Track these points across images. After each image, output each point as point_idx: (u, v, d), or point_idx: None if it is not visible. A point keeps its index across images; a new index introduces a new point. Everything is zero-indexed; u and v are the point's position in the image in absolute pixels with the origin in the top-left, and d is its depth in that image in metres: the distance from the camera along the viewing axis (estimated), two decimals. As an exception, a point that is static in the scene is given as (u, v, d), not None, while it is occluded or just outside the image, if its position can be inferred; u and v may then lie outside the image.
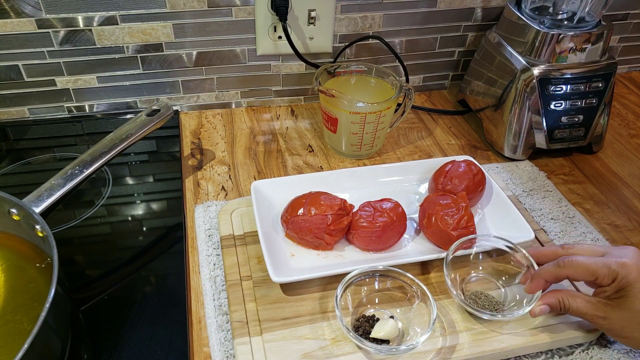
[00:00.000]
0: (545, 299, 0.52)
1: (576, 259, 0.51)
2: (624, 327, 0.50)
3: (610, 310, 0.50)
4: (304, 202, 0.60)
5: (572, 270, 0.51)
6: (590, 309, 0.51)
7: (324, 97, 0.74)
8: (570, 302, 0.52)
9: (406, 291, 0.55)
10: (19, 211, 0.54)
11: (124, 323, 0.54)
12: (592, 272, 0.50)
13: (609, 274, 0.49)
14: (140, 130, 0.66)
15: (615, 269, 0.49)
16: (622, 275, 0.49)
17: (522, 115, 0.76)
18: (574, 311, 0.52)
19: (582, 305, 0.51)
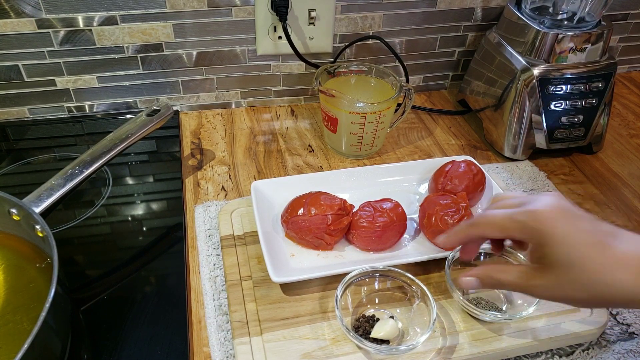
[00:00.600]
0: (474, 272, 0.46)
1: (487, 213, 0.44)
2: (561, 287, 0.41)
3: (540, 274, 0.42)
4: (304, 202, 0.60)
5: (482, 228, 0.44)
6: (521, 279, 0.43)
7: (324, 97, 0.74)
8: (499, 275, 0.45)
9: (406, 291, 0.55)
10: (19, 211, 0.54)
11: (124, 323, 0.54)
12: (500, 227, 0.43)
13: (517, 227, 0.42)
14: (140, 130, 0.66)
15: (522, 219, 0.41)
16: (533, 227, 0.41)
17: (522, 115, 0.76)
18: (506, 285, 0.44)
19: (512, 277, 0.44)
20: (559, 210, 0.41)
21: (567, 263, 0.40)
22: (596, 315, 0.55)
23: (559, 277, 0.41)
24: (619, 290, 0.38)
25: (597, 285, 0.39)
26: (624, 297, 0.38)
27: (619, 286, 0.38)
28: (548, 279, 0.41)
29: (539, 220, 0.41)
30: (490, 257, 0.58)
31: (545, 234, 0.40)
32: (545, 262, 0.41)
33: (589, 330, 0.54)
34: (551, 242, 0.40)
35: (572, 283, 0.40)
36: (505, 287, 0.45)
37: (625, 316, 0.57)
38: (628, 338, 0.55)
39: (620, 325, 0.56)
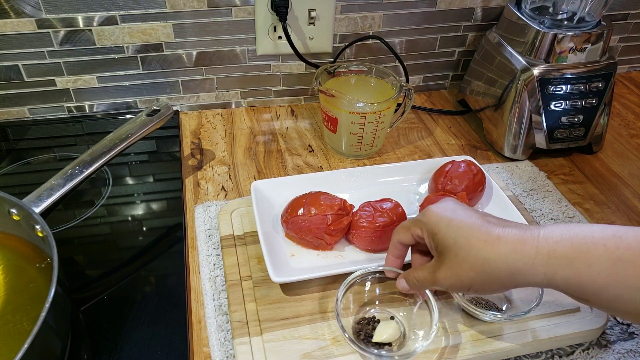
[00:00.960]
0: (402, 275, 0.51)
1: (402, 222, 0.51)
2: (456, 271, 0.45)
3: (440, 263, 0.46)
4: (304, 202, 0.60)
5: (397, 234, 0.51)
6: (430, 273, 0.47)
7: (324, 97, 0.74)
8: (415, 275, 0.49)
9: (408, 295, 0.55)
10: (19, 211, 0.54)
11: (124, 323, 0.54)
12: (407, 229, 0.49)
13: (418, 224, 0.48)
14: (140, 130, 0.66)
15: (419, 218, 0.48)
16: (425, 221, 0.47)
17: (522, 115, 0.76)
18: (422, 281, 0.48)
19: (424, 273, 0.48)
20: (444, 204, 0.48)
21: (454, 245, 0.44)
22: (596, 315, 0.55)
23: (451, 261, 0.45)
24: (499, 262, 0.42)
25: (482, 261, 0.43)
26: (505, 268, 0.42)
27: (497, 258, 0.42)
28: (444, 265, 0.45)
29: (428, 214, 0.47)
30: None
31: (434, 224, 0.46)
32: (439, 250, 0.46)
33: (589, 330, 0.54)
34: (438, 229, 0.46)
35: (462, 263, 0.44)
36: (422, 283, 0.49)
37: (625, 316, 0.57)
38: (628, 338, 0.55)
39: (620, 325, 0.56)
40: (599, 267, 0.39)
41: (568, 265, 0.40)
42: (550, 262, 0.41)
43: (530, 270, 0.41)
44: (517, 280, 0.43)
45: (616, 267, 0.39)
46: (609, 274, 0.39)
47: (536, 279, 0.42)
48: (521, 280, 0.42)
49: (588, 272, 0.40)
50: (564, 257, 0.40)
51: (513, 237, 0.43)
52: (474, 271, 0.44)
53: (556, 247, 0.41)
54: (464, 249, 0.44)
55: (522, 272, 0.42)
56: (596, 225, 0.42)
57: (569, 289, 0.41)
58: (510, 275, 0.42)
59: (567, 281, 0.41)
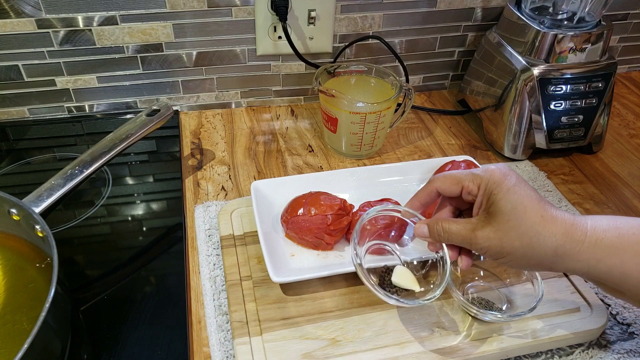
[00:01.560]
0: (426, 220, 0.50)
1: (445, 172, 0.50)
2: (500, 235, 0.44)
3: (484, 223, 0.45)
4: (304, 202, 0.60)
5: (440, 182, 0.49)
6: (466, 229, 0.46)
7: (324, 97, 0.74)
8: (447, 225, 0.48)
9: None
10: (19, 211, 0.54)
11: (124, 323, 0.54)
12: (458, 180, 0.48)
13: (473, 179, 0.47)
14: (140, 130, 0.66)
15: (478, 173, 0.47)
16: (486, 179, 0.46)
17: (522, 115, 0.76)
18: (452, 234, 0.48)
19: (459, 227, 0.47)
20: (510, 171, 0.47)
21: (510, 210, 0.44)
22: (596, 315, 0.55)
23: (500, 225, 0.44)
24: (548, 240, 0.43)
25: (532, 234, 0.43)
26: (552, 248, 0.43)
27: (548, 236, 0.43)
28: (491, 226, 0.45)
29: (492, 173, 0.46)
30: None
31: (496, 184, 0.45)
32: (491, 210, 0.45)
33: (589, 330, 0.54)
34: (500, 191, 0.45)
35: (511, 230, 0.44)
36: (452, 236, 0.48)
37: (625, 316, 0.57)
38: (628, 338, 0.55)
39: (620, 325, 0.56)
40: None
41: (614, 255, 0.41)
42: (597, 250, 0.42)
43: (576, 255, 0.42)
44: (557, 263, 0.43)
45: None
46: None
47: (578, 265, 0.43)
48: (562, 263, 0.43)
49: (634, 262, 0.41)
50: (611, 246, 0.41)
51: (566, 220, 0.43)
52: (520, 241, 0.43)
53: (604, 235, 0.42)
54: (519, 218, 0.44)
55: (566, 255, 0.43)
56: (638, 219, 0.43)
57: (611, 277, 0.42)
58: (554, 256, 0.43)
59: (610, 270, 0.42)
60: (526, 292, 0.55)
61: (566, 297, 0.57)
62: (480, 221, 0.46)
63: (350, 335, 0.53)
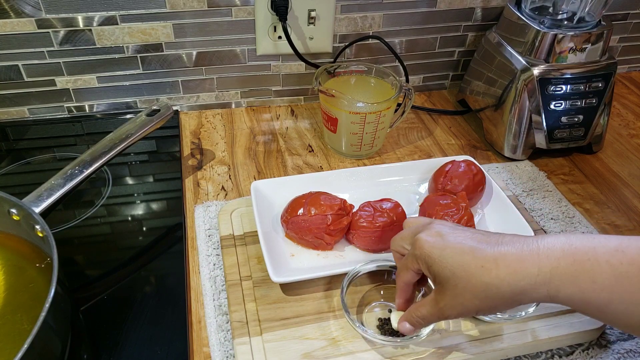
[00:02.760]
0: (402, 317, 0.50)
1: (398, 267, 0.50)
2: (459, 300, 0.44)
3: (441, 295, 0.45)
4: (304, 202, 0.60)
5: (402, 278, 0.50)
6: (433, 307, 0.46)
7: (324, 97, 0.74)
8: (419, 312, 0.47)
9: None
10: (19, 211, 0.54)
11: (124, 323, 0.54)
12: (407, 268, 0.48)
13: (412, 261, 0.47)
14: (140, 130, 0.66)
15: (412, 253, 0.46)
16: (417, 254, 0.46)
17: (522, 115, 0.76)
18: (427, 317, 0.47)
19: (427, 308, 0.47)
20: (433, 229, 0.46)
21: (452, 275, 0.43)
22: (596, 315, 0.55)
23: (452, 291, 0.43)
24: (501, 286, 0.41)
25: (483, 287, 0.42)
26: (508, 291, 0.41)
27: (499, 283, 0.41)
28: (447, 295, 0.44)
29: (419, 245, 0.45)
30: None
31: (427, 255, 0.45)
32: (438, 281, 0.45)
33: (588, 330, 0.54)
34: (432, 261, 0.44)
35: (464, 293, 0.43)
36: (427, 320, 0.47)
37: (625, 316, 0.57)
38: (628, 338, 0.55)
39: (620, 325, 0.57)
40: (602, 283, 0.39)
41: (571, 283, 0.40)
42: (553, 279, 0.40)
43: (534, 289, 0.41)
44: (521, 300, 0.42)
45: (619, 284, 0.38)
46: (612, 291, 0.38)
47: (539, 296, 0.41)
48: (525, 298, 0.41)
49: (591, 288, 0.39)
50: (567, 274, 0.40)
51: (511, 257, 0.42)
52: (477, 299, 0.42)
53: (558, 264, 0.40)
54: (463, 278, 0.43)
55: (525, 292, 0.41)
56: (597, 237, 0.41)
57: (572, 304, 0.41)
58: (513, 297, 0.41)
59: (570, 298, 0.40)
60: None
61: (566, 297, 0.57)
62: (437, 294, 0.45)
63: (350, 335, 0.53)
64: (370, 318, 0.54)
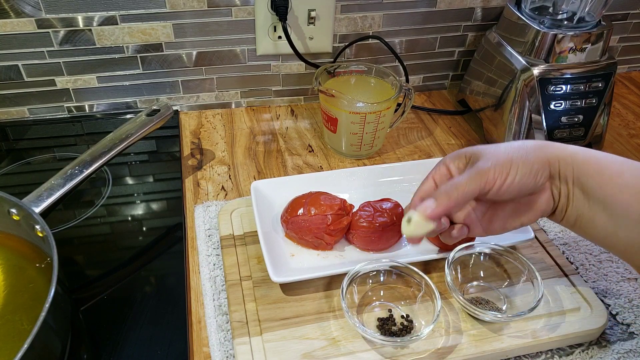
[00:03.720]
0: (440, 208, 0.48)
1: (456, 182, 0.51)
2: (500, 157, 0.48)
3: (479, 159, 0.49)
4: (304, 202, 0.60)
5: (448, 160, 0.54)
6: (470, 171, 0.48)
7: (323, 97, 0.74)
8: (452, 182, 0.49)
9: (410, 284, 0.56)
10: (19, 211, 0.54)
11: (124, 323, 0.54)
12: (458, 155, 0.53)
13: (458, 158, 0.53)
14: (140, 130, 0.66)
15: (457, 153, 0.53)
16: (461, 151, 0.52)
17: (522, 115, 0.76)
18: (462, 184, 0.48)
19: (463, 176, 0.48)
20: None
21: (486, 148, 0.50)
22: (596, 315, 0.55)
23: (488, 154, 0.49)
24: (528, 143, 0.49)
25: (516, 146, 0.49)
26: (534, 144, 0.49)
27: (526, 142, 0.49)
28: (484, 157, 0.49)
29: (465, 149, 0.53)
30: (490, 257, 0.58)
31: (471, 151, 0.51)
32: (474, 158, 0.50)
33: (588, 330, 0.54)
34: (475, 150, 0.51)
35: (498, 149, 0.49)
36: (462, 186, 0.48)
37: (625, 316, 0.57)
38: (628, 338, 0.55)
39: (620, 325, 0.56)
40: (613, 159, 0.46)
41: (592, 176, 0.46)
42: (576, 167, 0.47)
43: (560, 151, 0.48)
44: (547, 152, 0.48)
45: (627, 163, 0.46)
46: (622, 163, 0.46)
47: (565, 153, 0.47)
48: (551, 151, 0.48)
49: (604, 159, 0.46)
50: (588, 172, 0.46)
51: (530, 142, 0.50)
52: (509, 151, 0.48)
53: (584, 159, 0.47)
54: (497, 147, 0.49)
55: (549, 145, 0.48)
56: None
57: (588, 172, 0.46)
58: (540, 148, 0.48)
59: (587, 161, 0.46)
60: (526, 292, 0.55)
61: (566, 297, 0.57)
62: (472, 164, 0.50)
63: (350, 335, 0.53)
64: (370, 318, 0.54)
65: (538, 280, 0.54)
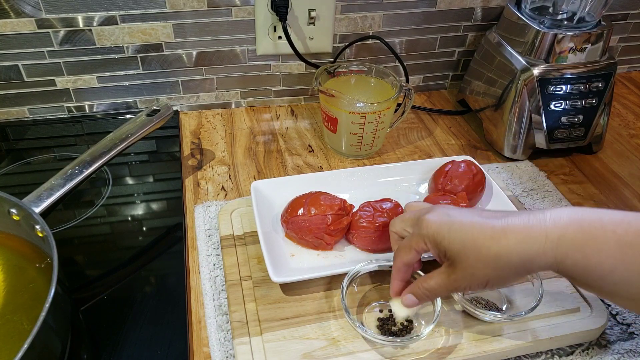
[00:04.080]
0: (407, 290, 0.50)
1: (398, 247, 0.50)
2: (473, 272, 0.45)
3: (453, 268, 0.46)
4: (304, 202, 0.60)
5: (400, 257, 0.50)
6: (443, 279, 0.47)
7: (324, 97, 0.74)
8: (426, 283, 0.48)
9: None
10: (19, 211, 0.54)
11: (124, 323, 0.54)
12: (409, 248, 0.48)
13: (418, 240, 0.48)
14: (140, 130, 0.66)
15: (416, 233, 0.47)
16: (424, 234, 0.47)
17: (522, 115, 0.76)
18: (435, 289, 0.48)
19: (437, 280, 0.47)
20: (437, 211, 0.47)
21: (462, 248, 0.44)
22: (596, 315, 0.55)
23: (464, 264, 0.45)
24: (511, 255, 0.43)
25: (493, 257, 0.43)
26: (517, 259, 0.43)
27: (509, 252, 0.43)
28: (458, 268, 0.45)
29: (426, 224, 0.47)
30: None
31: (435, 232, 0.46)
32: (448, 256, 0.46)
33: (588, 330, 0.54)
34: (442, 237, 0.45)
35: (476, 263, 0.44)
36: (436, 292, 0.48)
37: (625, 316, 0.57)
38: (628, 338, 0.55)
39: (620, 325, 0.56)
40: (607, 252, 0.40)
41: (577, 250, 0.41)
42: (561, 246, 0.41)
43: (542, 256, 0.42)
44: (530, 268, 0.43)
45: (624, 252, 0.40)
46: (616, 258, 0.40)
47: (547, 263, 0.42)
48: (534, 266, 0.43)
49: (596, 256, 0.40)
50: (574, 240, 0.41)
51: (519, 226, 0.43)
52: (489, 268, 0.44)
53: (565, 231, 0.41)
54: (474, 250, 0.44)
55: (534, 260, 0.42)
56: (603, 210, 0.42)
57: (575, 273, 0.42)
58: (523, 264, 0.43)
59: (575, 265, 0.41)
60: (526, 292, 0.55)
61: (566, 297, 0.57)
62: (447, 268, 0.46)
63: (350, 335, 0.53)
64: (370, 318, 0.54)
65: (538, 280, 0.54)
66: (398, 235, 0.53)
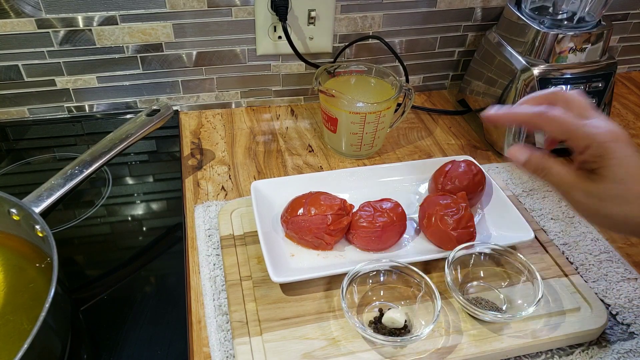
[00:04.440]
0: (527, 150, 0.47)
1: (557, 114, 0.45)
2: (602, 202, 0.44)
3: (592, 182, 0.44)
4: (304, 202, 0.60)
5: (548, 122, 0.46)
6: (572, 177, 0.45)
7: (324, 97, 0.74)
8: (550, 163, 0.46)
9: (410, 284, 0.56)
10: (19, 211, 0.54)
11: (124, 323, 0.54)
12: (567, 131, 0.45)
13: (584, 137, 0.44)
14: (140, 130, 0.66)
15: (591, 132, 0.44)
16: (600, 141, 0.44)
17: (522, 115, 0.76)
18: (554, 176, 0.46)
19: (564, 172, 0.45)
20: (624, 136, 0.44)
21: (620, 180, 0.43)
22: (596, 315, 0.55)
23: (605, 189, 0.43)
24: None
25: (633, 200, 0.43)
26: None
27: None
28: (595, 186, 0.44)
29: (607, 138, 0.44)
30: (490, 257, 0.58)
31: (609, 150, 0.43)
32: (601, 173, 0.44)
33: (588, 330, 0.54)
34: (613, 158, 0.43)
35: (615, 198, 0.43)
36: (551, 176, 0.46)
37: (625, 316, 0.57)
38: (628, 338, 0.55)
39: (620, 325, 0.56)
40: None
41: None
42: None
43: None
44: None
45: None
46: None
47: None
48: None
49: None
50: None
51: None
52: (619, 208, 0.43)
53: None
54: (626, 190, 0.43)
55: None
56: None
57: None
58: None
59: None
60: (526, 292, 0.55)
61: (566, 297, 0.57)
62: (589, 178, 0.44)
63: (350, 335, 0.53)
64: (370, 318, 0.54)
65: (538, 280, 0.54)
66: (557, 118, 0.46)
